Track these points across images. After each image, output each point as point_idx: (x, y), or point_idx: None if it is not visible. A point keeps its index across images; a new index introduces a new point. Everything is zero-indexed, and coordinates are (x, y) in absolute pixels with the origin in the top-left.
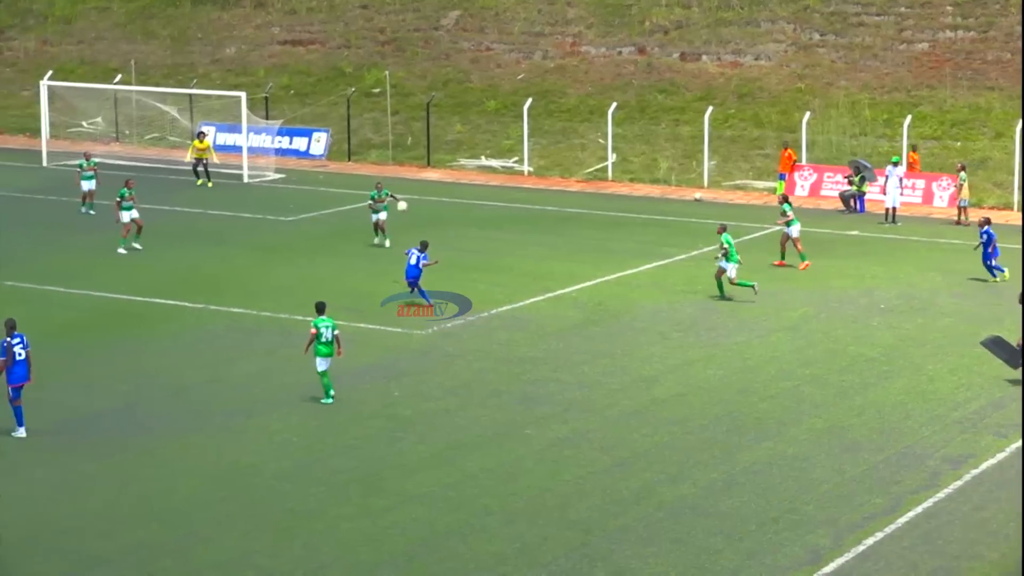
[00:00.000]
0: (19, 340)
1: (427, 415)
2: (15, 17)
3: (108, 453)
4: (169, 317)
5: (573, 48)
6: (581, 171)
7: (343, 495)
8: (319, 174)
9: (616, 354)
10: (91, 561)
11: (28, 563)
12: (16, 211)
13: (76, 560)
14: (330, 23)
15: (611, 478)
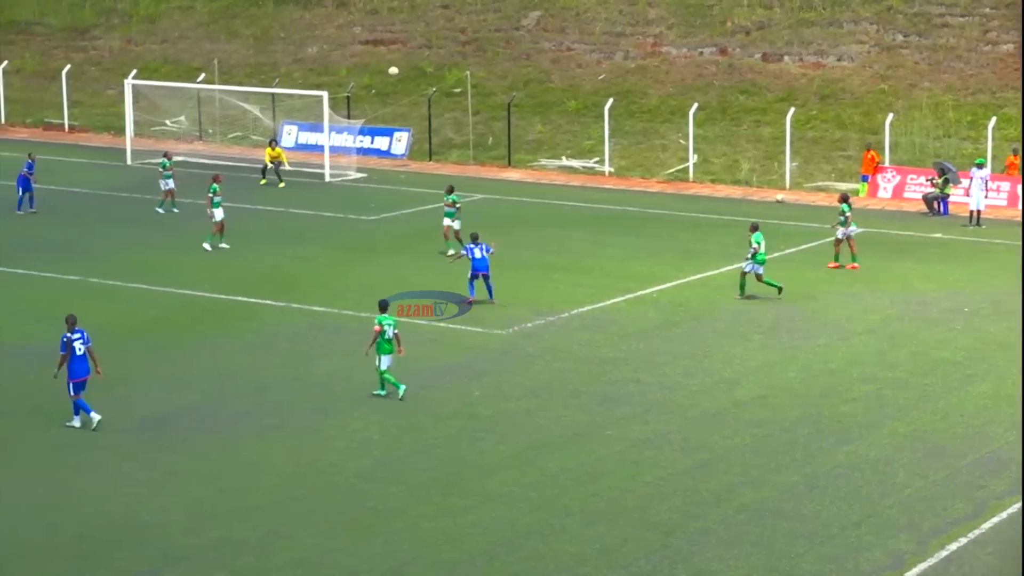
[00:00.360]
0: (79, 335)
1: (507, 415)
2: (100, 16)
3: (191, 450)
4: (251, 315)
5: (654, 48)
6: (662, 172)
7: (423, 494)
8: (400, 174)
9: (697, 355)
10: (174, 557)
11: (112, 558)
12: (101, 209)
13: (159, 556)
14: (411, 23)
15: (692, 480)
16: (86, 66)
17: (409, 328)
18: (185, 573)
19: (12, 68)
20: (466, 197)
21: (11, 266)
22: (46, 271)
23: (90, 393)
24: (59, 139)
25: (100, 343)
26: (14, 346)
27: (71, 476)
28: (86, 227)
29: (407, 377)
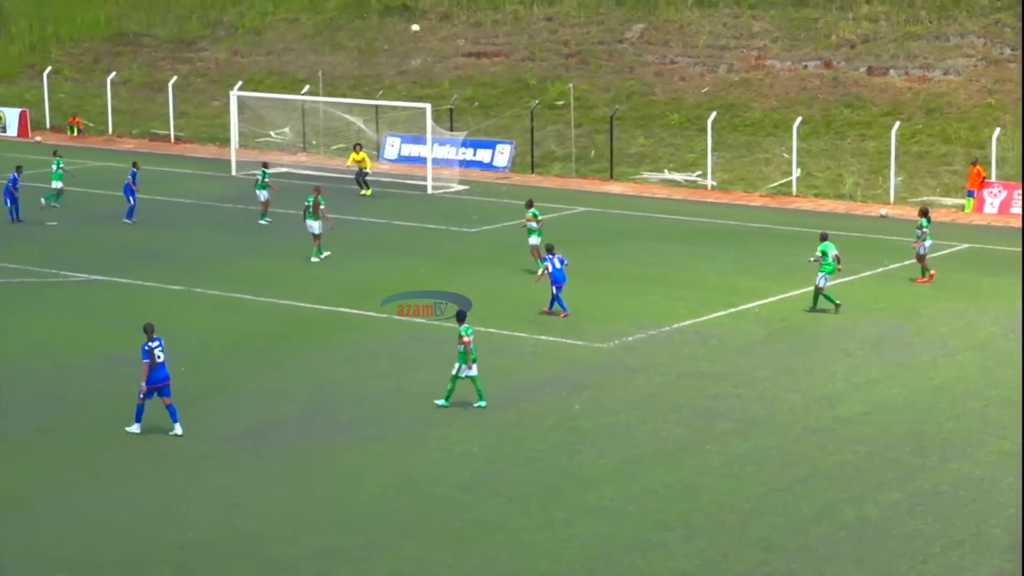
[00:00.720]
0: (158, 343)
1: (607, 428)
2: (206, 28)
3: (292, 460)
4: (353, 326)
5: (758, 62)
6: (765, 186)
7: (523, 507)
8: (502, 186)
9: (799, 371)
10: (273, 566)
11: (213, 566)
12: (205, 219)
13: (259, 565)
14: (515, 35)
15: (792, 496)
16: (192, 78)
17: (510, 340)
18: None
19: (120, 79)
20: (567, 210)
21: (116, 275)
22: (150, 281)
23: (192, 402)
24: (165, 150)
25: (203, 353)
26: (117, 355)
27: (173, 484)
28: (190, 237)
29: (508, 389)
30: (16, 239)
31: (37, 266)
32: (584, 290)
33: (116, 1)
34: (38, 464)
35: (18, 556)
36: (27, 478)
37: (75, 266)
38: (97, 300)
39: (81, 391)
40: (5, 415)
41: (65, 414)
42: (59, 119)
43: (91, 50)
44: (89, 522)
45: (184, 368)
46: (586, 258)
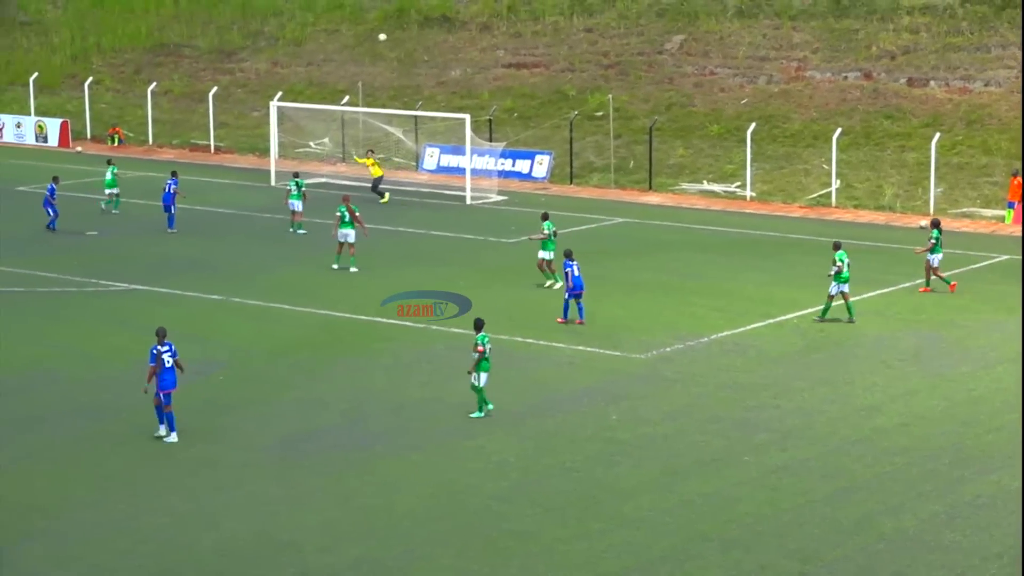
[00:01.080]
0: (168, 348)
1: (645, 439)
2: (247, 39)
3: (330, 469)
4: (391, 336)
5: (798, 73)
6: (804, 197)
7: (560, 517)
8: (541, 196)
9: (837, 382)
10: (310, 575)
11: (250, 574)
12: (244, 229)
13: (296, 574)
14: (554, 46)
15: (830, 507)
16: (232, 88)
17: (548, 351)
18: None
19: (160, 90)
20: (606, 221)
21: (155, 285)
22: (190, 290)
23: (229, 411)
24: (204, 160)
25: (241, 363)
26: None
27: (211, 492)
28: (230, 247)
29: (545, 399)
30: (56, 248)
31: (77, 275)
32: (622, 301)
33: (157, 12)
34: (74, 473)
35: (54, 565)
36: (63, 487)
37: (114, 275)
38: (136, 309)
39: (118, 400)
40: (42, 424)
41: (102, 423)
42: (100, 129)
43: (132, 61)
44: (125, 531)
45: (222, 377)
46: (624, 269)
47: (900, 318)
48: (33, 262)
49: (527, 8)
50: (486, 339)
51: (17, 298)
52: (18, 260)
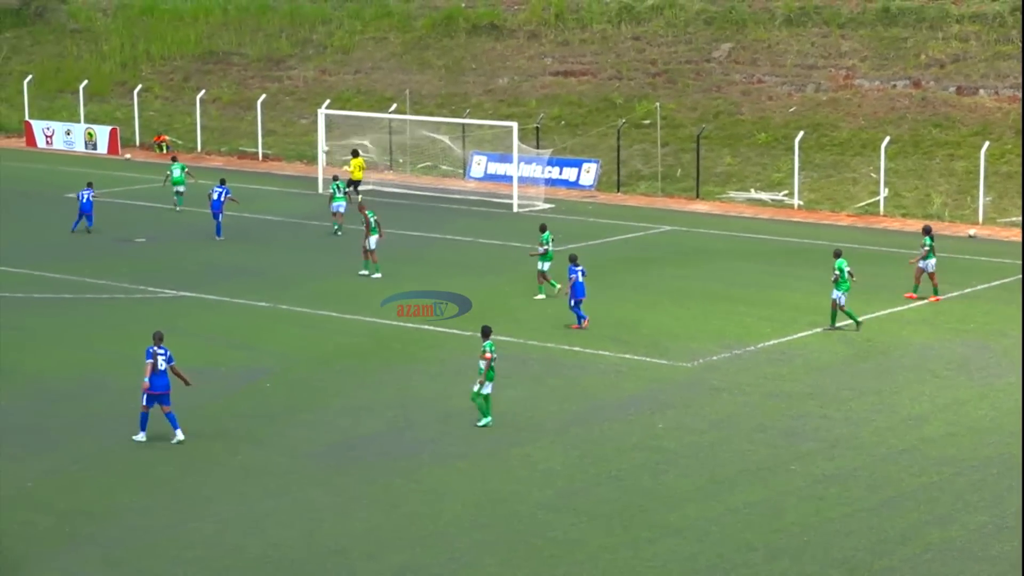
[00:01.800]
0: (163, 352)
1: (691, 448)
2: (295, 47)
3: (376, 476)
4: (438, 343)
5: (846, 81)
6: (852, 205)
7: (605, 526)
8: (588, 204)
9: (884, 391)
10: None
11: None
12: (292, 236)
13: None
14: (602, 54)
15: (877, 517)
16: (280, 96)
17: (594, 359)
18: None
19: (209, 97)
20: (653, 229)
21: (203, 292)
22: (237, 297)
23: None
24: (252, 167)
25: (288, 370)
26: (203, 370)
27: (257, 499)
28: (277, 254)
29: (591, 408)
30: (104, 255)
31: (125, 282)
32: (669, 309)
33: (206, 20)
34: (122, 479)
35: (101, 570)
36: (111, 492)
37: (162, 283)
38: (183, 316)
39: None
40: (90, 430)
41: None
42: (148, 136)
43: (181, 68)
44: (172, 537)
45: (269, 384)
46: (671, 277)
47: (948, 327)
48: (82, 268)
49: (575, 16)
50: (493, 347)
51: (67, 304)
52: (67, 266)
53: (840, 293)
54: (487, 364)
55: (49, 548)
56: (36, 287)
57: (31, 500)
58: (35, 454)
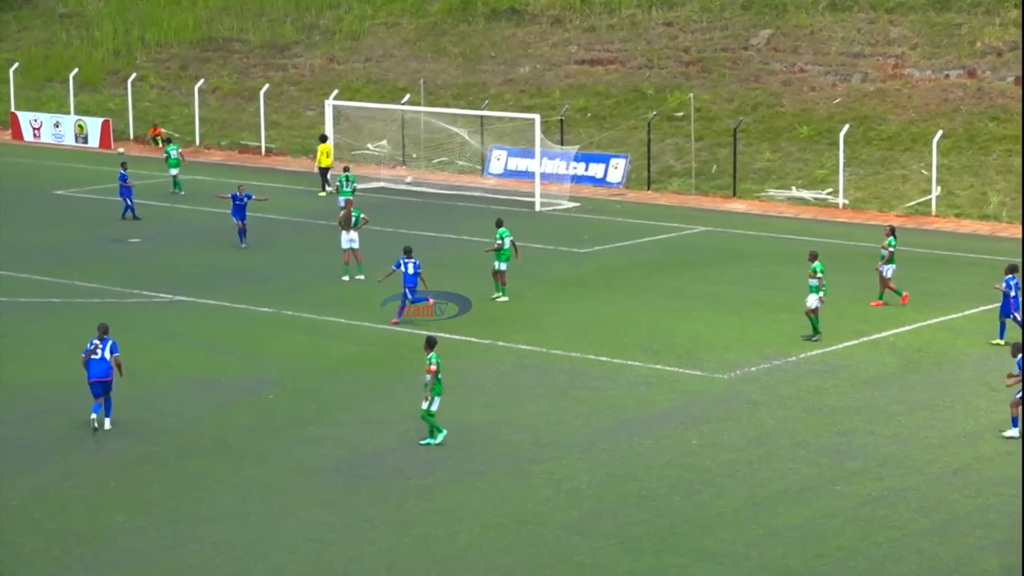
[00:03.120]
0: (104, 344)
1: (727, 466)
2: (301, 33)
3: (388, 495)
4: (454, 352)
5: (895, 70)
6: (901, 205)
7: (635, 550)
8: (616, 203)
9: (937, 406)
10: None
11: None
12: (297, 237)
13: None
14: (631, 41)
15: (929, 542)
16: (285, 85)
17: (622, 370)
18: None
19: (208, 87)
20: (686, 229)
21: (201, 296)
22: (238, 302)
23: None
24: (255, 162)
25: (294, 380)
26: (202, 380)
27: (261, 520)
28: (281, 256)
29: (620, 423)
30: (95, 256)
31: (117, 286)
32: (703, 316)
33: (205, 4)
34: (115, 497)
35: None
36: (103, 512)
37: (158, 286)
38: (181, 322)
39: (163, 419)
40: (82, 444)
41: (144, 444)
42: (143, 129)
43: (178, 56)
44: (168, 560)
45: (272, 396)
46: (706, 282)
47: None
48: (71, 271)
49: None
50: (439, 359)
51: (55, 309)
52: (56, 269)
53: (812, 296)
54: (432, 377)
55: (37, 572)
56: (23, 291)
57: (17, 520)
58: (22, 470)
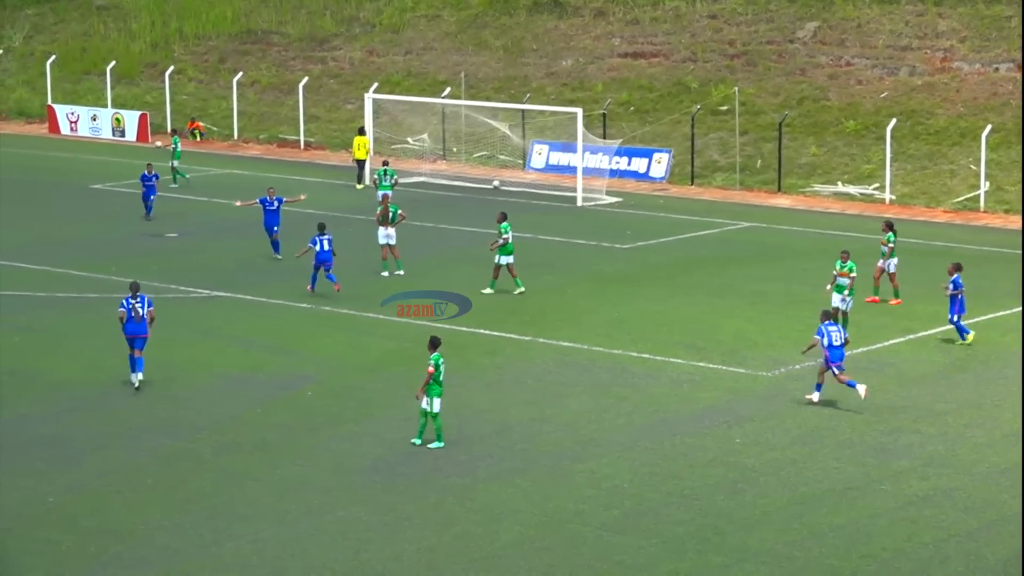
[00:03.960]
0: (140, 300)
1: (771, 465)
2: (340, 26)
3: (427, 493)
4: (494, 350)
5: (944, 64)
6: (949, 200)
7: (677, 549)
8: (659, 198)
9: (984, 404)
10: None
11: None
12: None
13: None
14: (675, 34)
15: (976, 543)
16: (324, 79)
17: (665, 367)
18: None
19: (247, 80)
20: (730, 225)
21: (239, 292)
22: (276, 298)
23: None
24: (293, 156)
25: (332, 377)
26: (239, 377)
27: (298, 517)
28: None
29: (662, 420)
30: (132, 251)
31: (155, 280)
32: (747, 313)
33: None
34: (151, 494)
35: None
36: (140, 509)
37: (196, 281)
38: (219, 318)
39: (201, 417)
40: (119, 441)
41: (182, 440)
42: (181, 122)
43: (216, 49)
44: (206, 558)
45: (311, 393)
46: (750, 278)
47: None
48: (108, 266)
49: None
50: (439, 360)
51: (91, 305)
52: (93, 264)
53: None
54: (428, 378)
55: (73, 569)
56: (60, 286)
57: (53, 517)
58: (58, 467)
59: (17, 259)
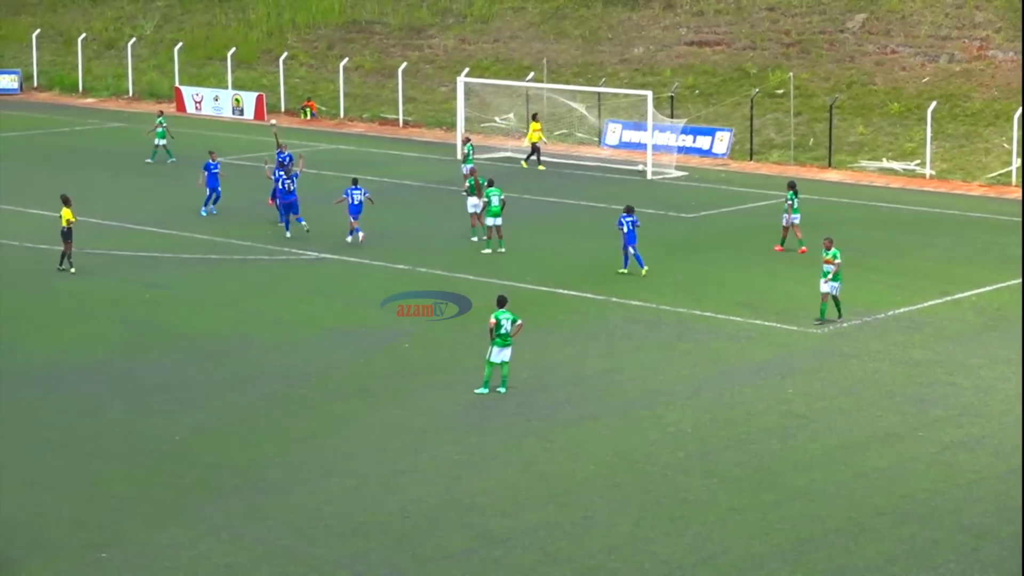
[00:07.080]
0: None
1: (820, 413)
2: (436, 16)
3: (511, 436)
4: (572, 308)
5: (980, 52)
6: (984, 175)
7: (734, 487)
8: (721, 172)
9: (1015, 360)
10: (492, 539)
11: (432, 537)
12: (430, 201)
13: (478, 536)
14: (736, 24)
15: (1005, 484)
16: (421, 64)
17: (725, 324)
18: (503, 554)
19: (352, 65)
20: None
21: (344, 254)
22: (377, 260)
23: (414, 377)
24: (393, 134)
25: (427, 331)
26: (344, 330)
27: (396, 456)
28: (416, 218)
29: (722, 372)
30: (250, 218)
31: (269, 244)
32: (800, 276)
33: None
34: (265, 435)
35: (245, 521)
36: (255, 447)
37: (305, 245)
38: (325, 277)
39: (309, 365)
40: (236, 387)
41: (293, 387)
42: (293, 103)
43: (325, 37)
44: (314, 491)
45: (408, 345)
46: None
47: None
48: (229, 230)
49: None
50: (501, 315)
51: (213, 265)
52: (213, 228)
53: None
54: (489, 331)
55: (196, 500)
56: (186, 248)
57: (181, 452)
58: (183, 409)
59: (149, 224)
